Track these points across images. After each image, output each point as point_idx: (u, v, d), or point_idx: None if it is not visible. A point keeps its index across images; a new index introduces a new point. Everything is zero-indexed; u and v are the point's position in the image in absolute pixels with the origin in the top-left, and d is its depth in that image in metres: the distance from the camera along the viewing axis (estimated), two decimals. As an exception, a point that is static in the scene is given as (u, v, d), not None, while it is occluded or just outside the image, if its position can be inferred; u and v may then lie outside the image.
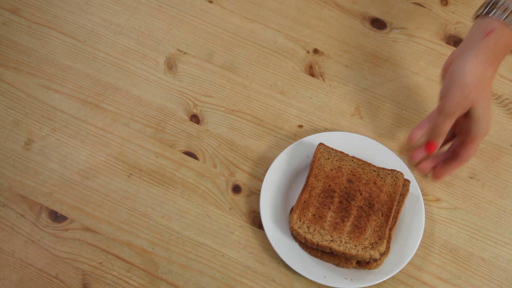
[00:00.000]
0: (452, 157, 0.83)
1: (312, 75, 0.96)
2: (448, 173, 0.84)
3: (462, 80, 0.74)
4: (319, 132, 0.90)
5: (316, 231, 0.78)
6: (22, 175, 0.85)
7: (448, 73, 0.77)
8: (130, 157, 0.87)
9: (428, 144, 0.80)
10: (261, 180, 0.86)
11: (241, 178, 0.86)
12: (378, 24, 1.01)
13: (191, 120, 0.91)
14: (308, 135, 0.88)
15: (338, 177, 0.82)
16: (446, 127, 0.78)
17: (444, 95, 0.76)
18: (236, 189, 0.86)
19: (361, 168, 0.83)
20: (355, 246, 0.76)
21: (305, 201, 0.80)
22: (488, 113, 0.77)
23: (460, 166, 0.83)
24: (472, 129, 0.77)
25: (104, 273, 0.80)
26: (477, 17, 0.77)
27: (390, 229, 0.79)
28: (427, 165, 0.85)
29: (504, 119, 0.92)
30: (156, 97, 0.92)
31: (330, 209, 0.79)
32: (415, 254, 0.81)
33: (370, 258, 0.76)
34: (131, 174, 0.86)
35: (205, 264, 0.80)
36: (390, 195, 0.80)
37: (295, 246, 0.80)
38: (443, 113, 0.76)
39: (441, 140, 0.80)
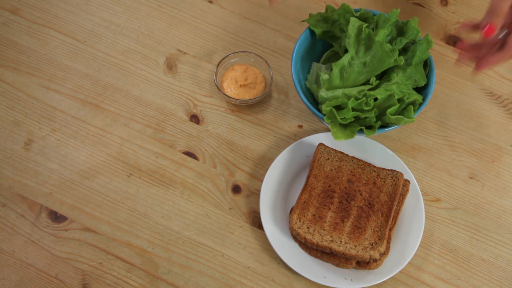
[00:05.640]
0: (499, 48, 0.76)
1: (312, 75, 0.96)
2: (492, 63, 0.77)
3: None
4: (319, 132, 0.90)
5: (316, 231, 0.78)
6: (22, 175, 0.85)
7: None
8: (130, 157, 0.87)
9: (487, 27, 0.74)
10: (261, 180, 0.86)
11: (241, 178, 0.86)
12: (378, 24, 1.01)
13: (191, 120, 0.91)
14: (308, 135, 0.88)
15: (338, 177, 0.82)
16: (506, 5, 0.73)
17: None
18: (236, 189, 0.86)
19: (361, 168, 0.83)
20: (355, 246, 0.76)
21: (305, 201, 0.80)
22: None
23: (506, 57, 0.76)
24: None
25: (104, 273, 0.80)
26: None
27: (390, 229, 0.79)
28: (472, 54, 0.79)
29: (504, 119, 0.92)
30: (156, 97, 0.92)
31: (330, 209, 0.79)
32: (415, 254, 0.81)
33: (370, 258, 0.76)
34: (131, 174, 0.86)
35: (205, 264, 0.80)
36: (390, 195, 0.80)
37: (295, 246, 0.80)
38: None
39: (500, 22, 0.74)
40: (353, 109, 0.78)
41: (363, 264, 0.77)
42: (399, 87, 0.79)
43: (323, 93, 0.81)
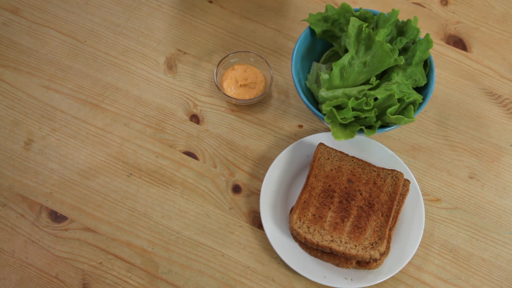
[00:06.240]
0: None
1: (312, 75, 0.96)
2: None
3: None
4: (319, 132, 0.90)
5: (316, 231, 0.78)
6: (22, 175, 0.85)
7: None
8: (130, 157, 0.87)
9: None
10: (261, 180, 0.86)
11: (241, 178, 0.86)
12: (378, 24, 1.01)
13: (191, 120, 0.91)
14: (308, 135, 0.88)
15: (338, 177, 0.82)
16: None
17: None
18: (236, 189, 0.86)
19: (361, 168, 0.83)
20: (355, 246, 0.76)
21: (305, 201, 0.80)
22: None
23: None
24: None
25: (104, 273, 0.80)
26: None
27: (390, 229, 0.79)
28: None
29: (504, 119, 0.92)
30: (156, 97, 0.92)
31: (330, 209, 0.79)
32: (415, 254, 0.81)
33: (370, 258, 0.76)
34: (131, 174, 0.86)
35: (205, 264, 0.80)
36: (390, 195, 0.80)
37: (295, 246, 0.80)
38: None
39: None
40: (353, 109, 0.78)
41: (363, 264, 0.77)
42: (399, 87, 0.79)
43: (323, 93, 0.81)
